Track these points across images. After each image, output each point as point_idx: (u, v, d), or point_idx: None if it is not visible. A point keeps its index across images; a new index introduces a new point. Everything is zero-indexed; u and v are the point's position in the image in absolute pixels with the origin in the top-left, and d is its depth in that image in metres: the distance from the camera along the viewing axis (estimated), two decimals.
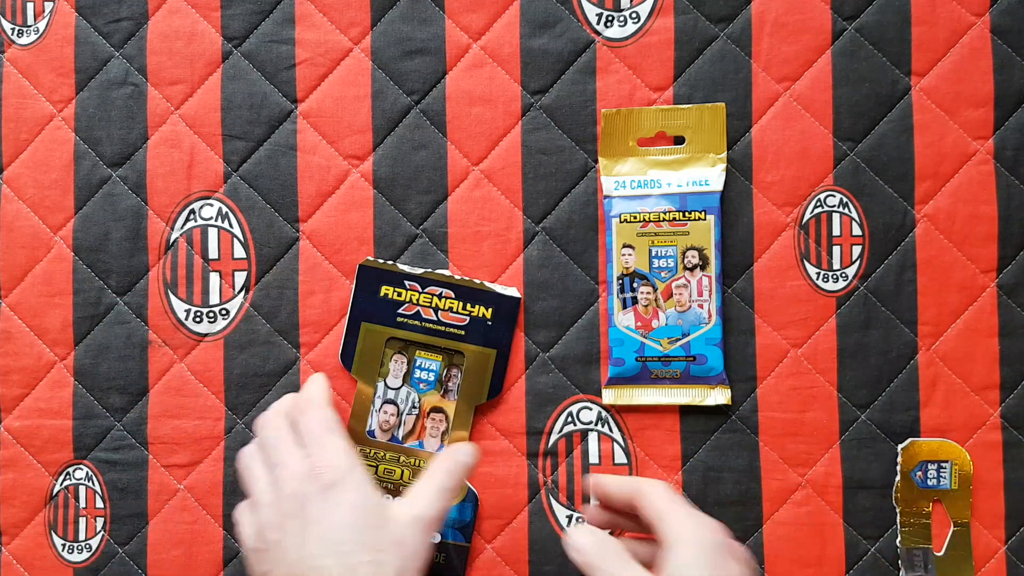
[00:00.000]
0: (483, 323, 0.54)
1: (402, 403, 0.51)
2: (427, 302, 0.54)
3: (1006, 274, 0.55)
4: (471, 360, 0.54)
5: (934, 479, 0.54)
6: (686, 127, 0.55)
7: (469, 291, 0.54)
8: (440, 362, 0.51)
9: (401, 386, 0.51)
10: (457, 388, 0.51)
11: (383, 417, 0.51)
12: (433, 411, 0.51)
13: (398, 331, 0.54)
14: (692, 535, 0.41)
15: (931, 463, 0.54)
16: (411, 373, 0.51)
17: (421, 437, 0.51)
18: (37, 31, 0.57)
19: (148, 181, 0.57)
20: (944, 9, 0.55)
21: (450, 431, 0.52)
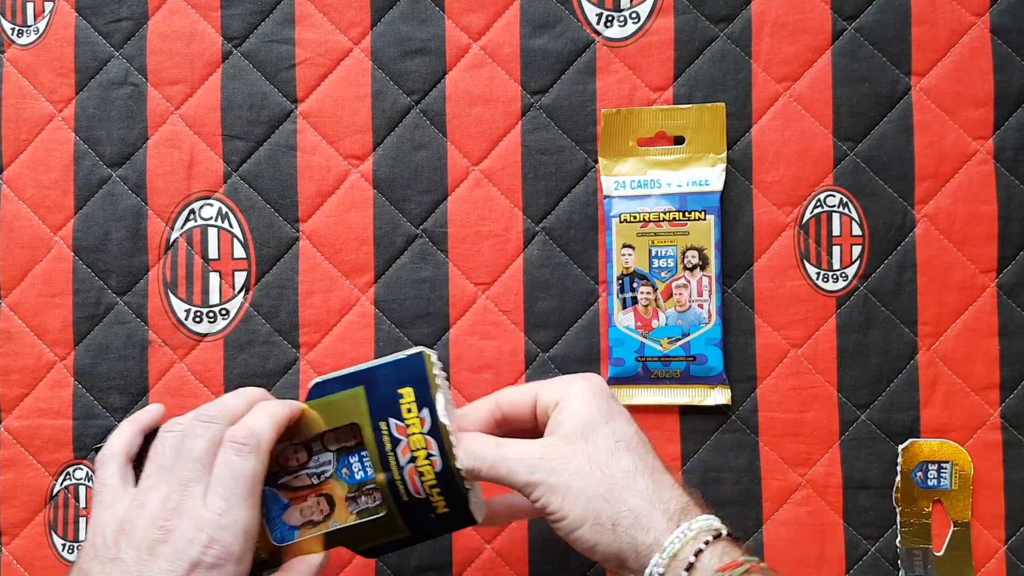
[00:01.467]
0: None
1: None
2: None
3: (1006, 274, 0.55)
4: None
5: (934, 479, 0.54)
6: (686, 127, 0.55)
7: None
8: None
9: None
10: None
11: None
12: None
13: None
14: (571, 388, 0.42)
15: (931, 463, 0.54)
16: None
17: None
18: (37, 31, 0.57)
19: (148, 181, 0.57)
20: (944, 9, 0.55)
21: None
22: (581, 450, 0.40)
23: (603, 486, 0.39)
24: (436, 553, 0.55)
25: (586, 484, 0.39)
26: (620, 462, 0.40)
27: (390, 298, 0.56)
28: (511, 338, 0.55)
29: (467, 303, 0.56)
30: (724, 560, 0.37)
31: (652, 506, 0.39)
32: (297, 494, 0.43)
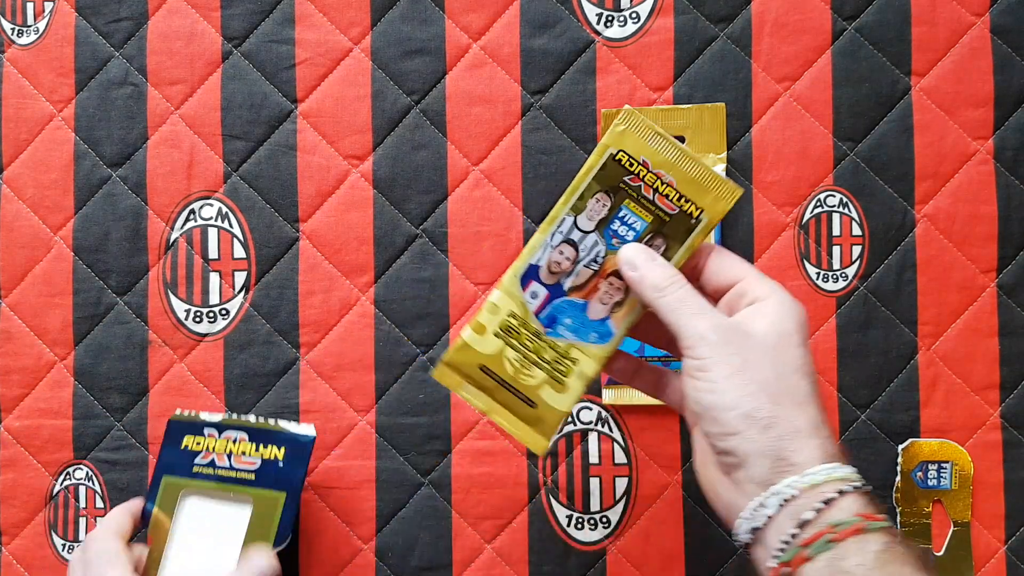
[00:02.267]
0: (274, 465, 0.49)
1: (584, 251, 0.42)
2: (222, 448, 0.50)
3: (1006, 274, 0.55)
4: (259, 504, 0.48)
5: (934, 479, 0.54)
6: (686, 127, 0.55)
7: (263, 433, 0.50)
8: (647, 223, 0.42)
9: (591, 231, 0.42)
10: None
11: (556, 257, 0.42)
12: (614, 275, 0.42)
13: (192, 481, 0.49)
14: (788, 304, 0.39)
15: (931, 463, 0.54)
16: (608, 222, 0.42)
17: (588, 298, 0.42)
18: (37, 31, 0.57)
19: (148, 181, 0.57)
20: (944, 9, 0.55)
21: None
22: (768, 350, 0.38)
23: (775, 388, 0.37)
24: (436, 553, 0.55)
25: (760, 375, 0.37)
26: (800, 382, 0.37)
27: (390, 298, 0.56)
28: None
29: (467, 303, 0.56)
30: (864, 511, 0.35)
31: (812, 433, 0.36)
32: (587, 288, 0.42)
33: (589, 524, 0.55)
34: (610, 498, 0.55)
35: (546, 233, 0.42)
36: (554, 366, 0.42)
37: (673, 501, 0.55)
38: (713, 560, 0.54)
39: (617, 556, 0.55)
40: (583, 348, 0.42)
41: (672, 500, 0.55)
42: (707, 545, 0.54)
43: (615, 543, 0.55)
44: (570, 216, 0.42)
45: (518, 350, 0.42)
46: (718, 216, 0.41)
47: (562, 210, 0.42)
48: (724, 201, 0.41)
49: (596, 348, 0.42)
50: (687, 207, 0.41)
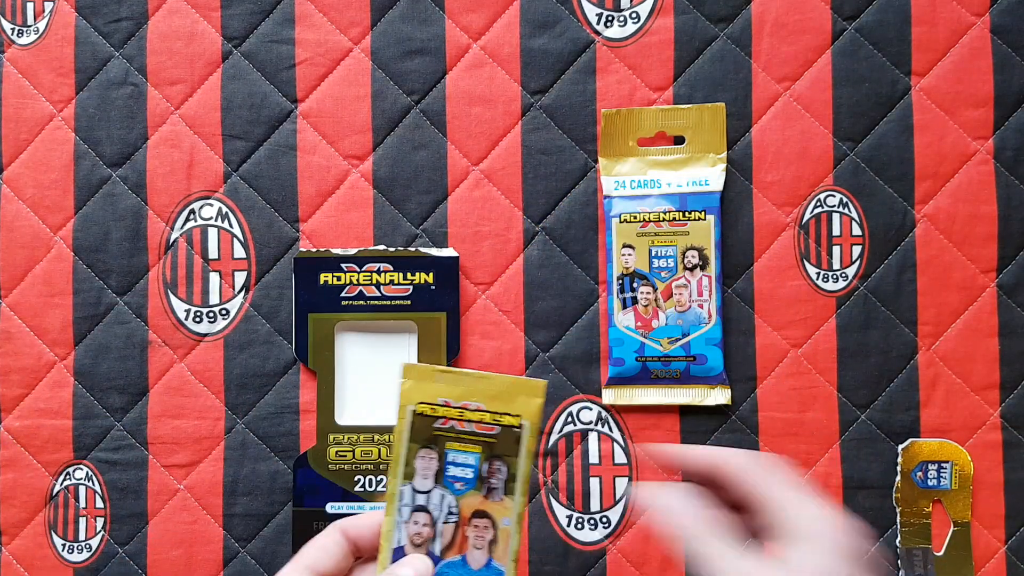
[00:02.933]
0: (427, 289, 0.54)
1: (436, 509, 0.41)
2: (367, 280, 0.54)
3: (1006, 274, 0.55)
4: (423, 327, 0.54)
5: (934, 479, 0.54)
6: (686, 127, 0.55)
7: (407, 260, 0.54)
8: (478, 454, 0.42)
9: (432, 488, 0.41)
10: (503, 485, 0.42)
11: (414, 529, 0.41)
12: (476, 516, 0.41)
13: (345, 315, 0.54)
14: (820, 532, 0.34)
15: (931, 463, 0.54)
16: (443, 471, 0.41)
17: (463, 550, 0.41)
18: (37, 31, 0.57)
19: (148, 181, 0.57)
20: (944, 9, 0.55)
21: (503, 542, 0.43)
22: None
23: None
24: None
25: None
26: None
27: None
28: (511, 338, 0.55)
29: (467, 303, 0.56)
30: None
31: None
32: (457, 542, 0.42)
33: (589, 524, 0.55)
34: (610, 498, 0.55)
35: (392, 513, 0.41)
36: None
37: None
38: None
39: (617, 556, 0.55)
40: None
41: None
42: None
43: (615, 543, 0.55)
44: (406, 486, 0.41)
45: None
46: (536, 413, 0.41)
47: (396, 484, 0.41)
48: (534, 398, 0.41)
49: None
50: (506, 420, 0.41)
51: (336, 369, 0.54)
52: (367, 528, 0.40)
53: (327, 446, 0.54)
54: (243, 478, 0.55)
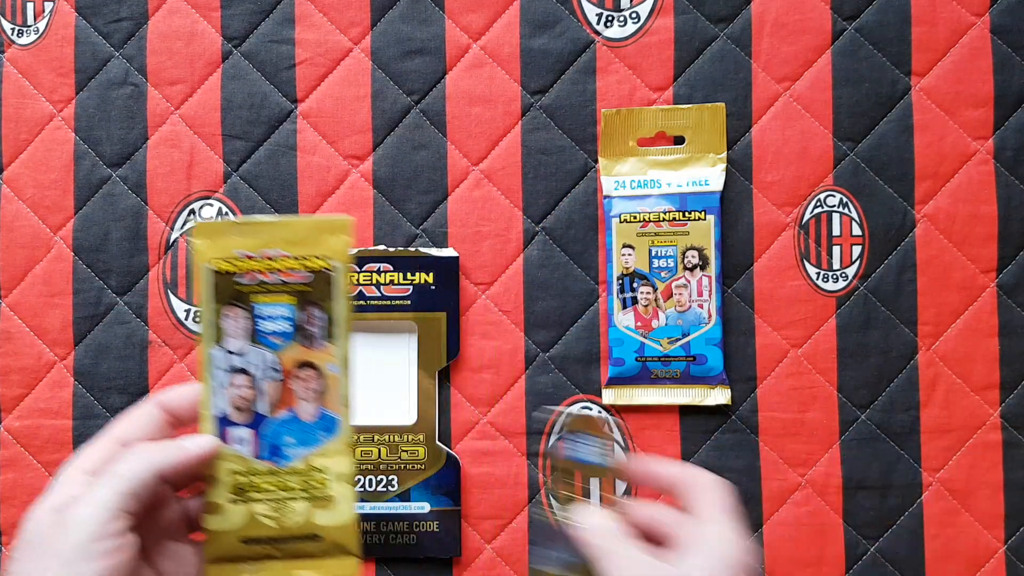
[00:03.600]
0: (427, 289, 0.54)
1: (255, 368, 0.39)
2: (367, 280, 0.54)
3: (1006, 274, 0.55)
4: (423, 327, 0.53)
5: (586, 453, 0.50)
6: (686, 127, 0.55)
7: (407, 260, 0.54)
8: (292, 304, 0.39)
9: (248, 347, 0.38)
10: (323, 331, 0.39)
11: (235, 393, 0.38)
12: (300, 368, 0.39)
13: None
14: (717, 545, 0.37)
15: (583, 435, 0.50)
16: (256, 327, 0.39)
17: (292, 405, 0.39)
18: (37, 31, 0.57)
19: (148, 181, 0.57)
20: (944, 9, 0.55)
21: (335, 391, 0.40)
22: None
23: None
24: None
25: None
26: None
27: None
28: (511, 338, 0.55)
29: (467, 303, 0.56)
30: None
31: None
32: (284, 398, 0.40)
33: None
34: None
35: (207, 379, 0.38)
36: (308, 489, 0.39)
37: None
38: None
39: None
40: (321, 453, 0.39)
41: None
42: None
43: None
44: (218, 349, 0.38)
45: (264, 501, 0.38)
46: (344, 251, 0.38)
47: (207, 348, 0.38)
48: (339, 235, 0.38)
49: (333, 444, 0.39)
50: (314, 264, 0.38)
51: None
52: (185, 398, 0.38)
53: None
54: None
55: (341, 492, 0.39)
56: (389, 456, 0.54)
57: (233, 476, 0.38)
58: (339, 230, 0.38)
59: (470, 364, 0.55)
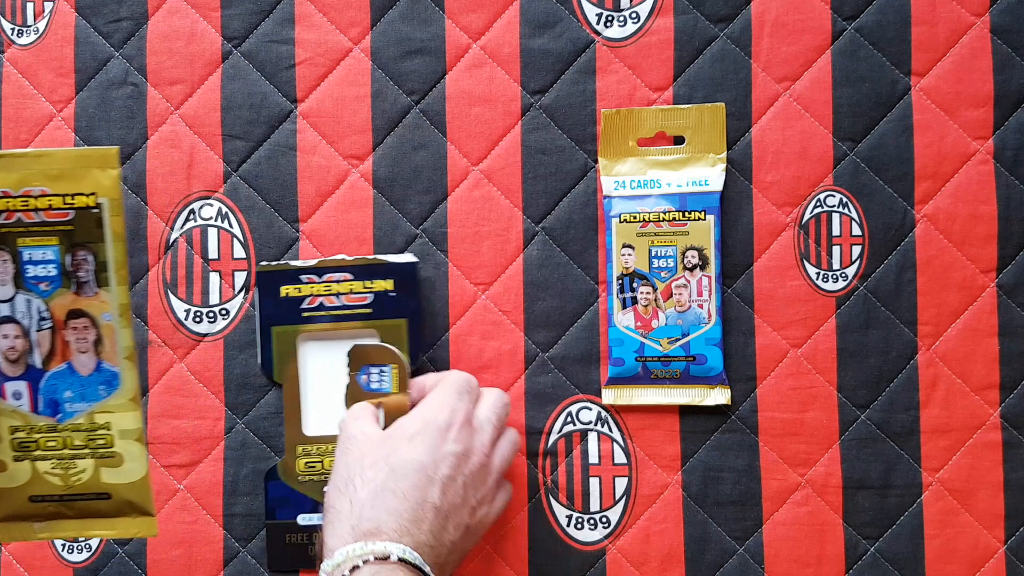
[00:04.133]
0: (386, 296, 0.53)
1: (23, 317, 0.36)
2: (327, 291, 0.53)
3: (1006, 274, 0.55)
4: (384, 334, 0.53)
5: (377, 383, 0.51)
6: (686, 127, 0.55)
7: (365, 268, 0.53)
8: (57, 246, 0.35)
9: (14, 294, 0.36)
10: (94, 277, 0.36)
11: (4, 344, 0.36)
12: (71, 317, 0.36)
13: (307, 326, 0.53)
14: (421, 409, 0.47)
15: (373, 367, 0.51)
16: (22, 272, 0.35)
17: (68, 357, 0.36)
18: (37, 31, 0.57)
19: (148, 181, 0.57)
20: (944, 9, 0.55)
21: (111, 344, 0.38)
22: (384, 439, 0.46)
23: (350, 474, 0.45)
24: None
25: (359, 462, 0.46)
26: (378, 473, 0.45)
27: None
28: (511, 338, 0.55)
29: (467, 303, 0.56)
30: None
31: (348, 518, 0.43)
32: (58, 350, 0.38)
33: (589, 524, 0.55)
34: (610, 498, 0.55)
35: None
36: (92, 446, 0.37)
37: (673, 501, 0.55)
38: (713, 560, 0.54)
39: (617, 556, 0.55)
40: (103, 408, 0.37)
41: (672, 500, 0.55)
42: (707, 545, 0.54)
43: (615, 543, 0.55)
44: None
45: (47, 457, 0.37)
46: (113, 186, 0.35)
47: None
48: (106, 169, 0.36)
49: (115, 399, 0.36)
50: (79, 202, 0.35)
51: (301, 380, 0.54)
52: None
53: (296, 458, 0.54)
54: (243, 478, 0.55)
55: (128, 449, 0.37)
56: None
57: (14, 435, 0.36)
58: (106, 163, 0.35)
59: (470, 364, 0.55)
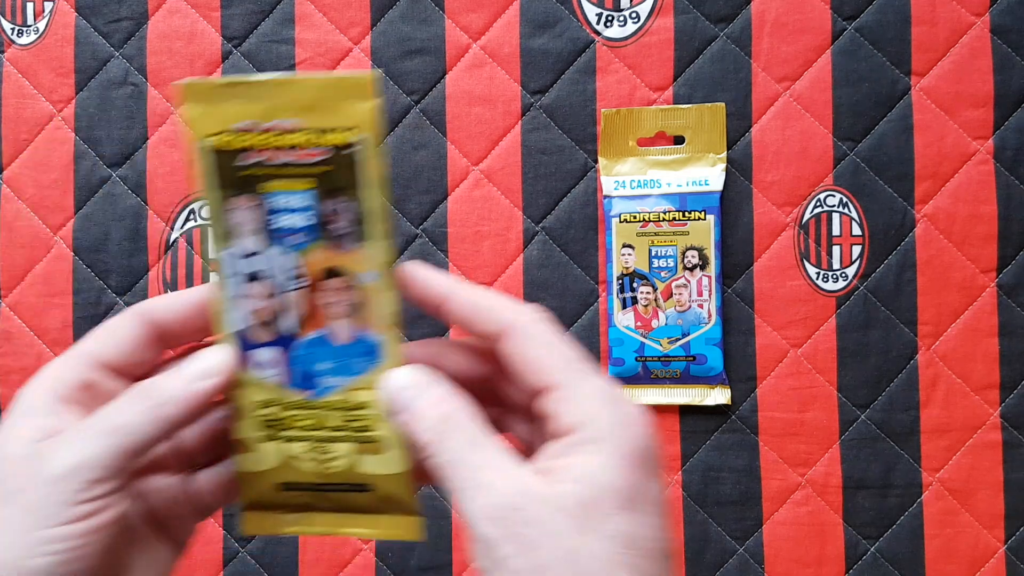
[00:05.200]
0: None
1: (273, 274, 0.30)
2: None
3: (1006, 274, 0.55)
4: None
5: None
6: (686, 127, 0.55)
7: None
8: (312, 191, 0.29)
9: (264, 247, 0.30)
10: (355, 228, 0.30)
11: (252, 305, 0.30)
12: (327, 277, 0.30)
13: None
14: (611, 431, 0.26)
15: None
16: (270, 222, 0.30)
17: (322, 323, 0.30)
18: (37, 31, 0.57)
19: (148, 181, 0.57)
20: (944, 9, 0.55)
21: (377, 309, 0.30)
22: (571, 527, 0.25)
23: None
24: (436, 553, 0.55)
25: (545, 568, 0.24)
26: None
27: None
28: None
29: None
30: None
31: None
32: (312, 313, 0.32)
33: None
34: None
35: (220, 290, 0.30)
36: (351, 428, 0.30)
37: (673, 501, 0.55)
38: (713, 560, 0.54)
39: None
40: (364, 385, 0.30)
41: (672, 500, 0.55)
42: (707, 545, 0.54)
43: None
44: (228, 251, 0.30)
45: (300, 439, 0.31)
46: (369, 119, 0.29)
47: (218, 250, 0.30)
48: (362, 99, 0.29)
49: (376, 374, 0.30)
50: (335, 138, 0.29)
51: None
52: (175, 310, 0.30)
53: None
54: None
55: (391, 434, 0.30)
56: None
57: (262, 410, 0.30)
58: (364, 92, 0.28)
59: None
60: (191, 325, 0.30)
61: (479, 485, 0.26)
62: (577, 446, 0.26)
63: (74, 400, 0.28)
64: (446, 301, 0.29)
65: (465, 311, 0.29)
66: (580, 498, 0.25)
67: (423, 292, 0.30)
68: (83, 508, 0.26)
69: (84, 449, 0.26)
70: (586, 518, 0.25)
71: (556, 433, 0.26)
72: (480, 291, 0.29)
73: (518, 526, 0.25)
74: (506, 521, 0.25)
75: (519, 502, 0.25)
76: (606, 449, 0.25)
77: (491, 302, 0.29)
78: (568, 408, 0.26)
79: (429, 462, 0.27)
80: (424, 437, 0.27)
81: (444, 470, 0.26)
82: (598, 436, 0.26)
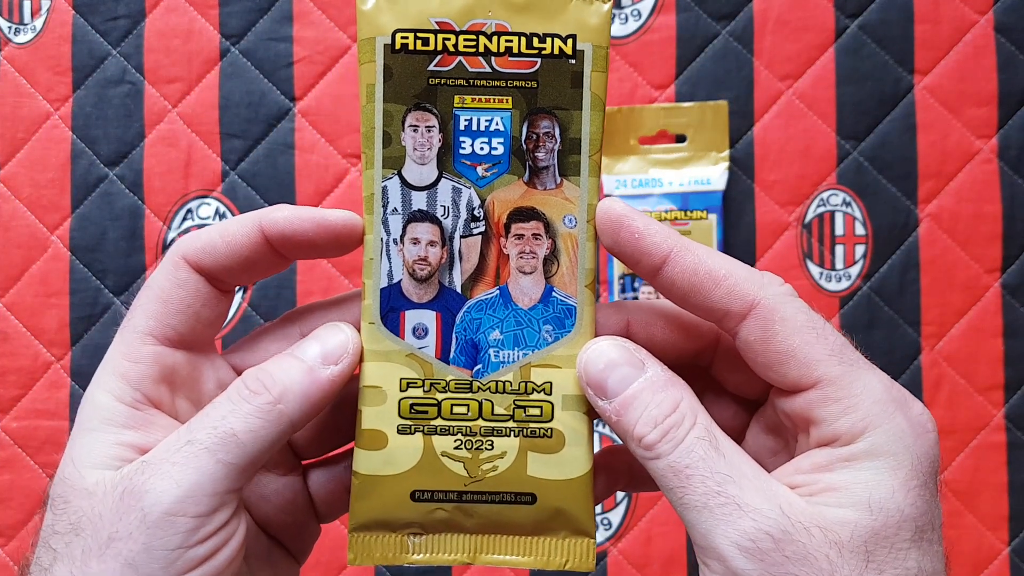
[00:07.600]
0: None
1: (447, 213, 0.24)
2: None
3: (1010, 274, 0.54)
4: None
5: None
6: (688, 125, 0.54)
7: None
8: (509, 112, 0.23)
9: (438, 178, 0.24)
10: (558, 160, 0.24)
11: (413, 252, 0.24)
12: (516, 220, 0.24)
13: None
14: (902, 443, 0.21)
15: None
16: (454, 147, 0.24)
17: (502, 280, 0.24)
18: (34, 29, 0.57)
19: (145, 180, 0.56)
20: (947, 7, 0.55)
21: (581, 271, 0.24)
22: (851, 566, 0.20)
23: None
24: None
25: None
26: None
27: None
28: None
29: None
30: None
31: None
32: (491, 266, 0.25)
33: None
34: (611, 500, 0.54)
35: (372, 229, 0.24)
36: (520, 418, 0.24)
37: None
38: None
39: (618, 558, 0.54)
40: (546, 360, 0.24)
41: None
42: None
43: (616, 545, 0.54)
44: (390, 179, 0.23)
45: (451, 431, 0.24)
46: (601, 26, 0.23)
47: (373, 178, 0.24)
48: (593, 2, 0.23)
49: (565, 347, 0.24)
50: (551, 47, 0.23)
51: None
52: (301, 218, 0.23)
53: None
54: None
55: (573, 427, 0.24)
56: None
57: (408, 392, 0.24)
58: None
59: None
60: (313, 239, 0.23)
61: (733, 505, 0.20)
62: (856, 461, 0.21)
63: (155, 396, 0.23)
64: (669, 261, 0.22)
65: (696, 279, 0.22)
66: (863, 529, 0.20)
67: (640, 245, 0.22)
68: (198, 551, 0.21)
69: (188, 474, 0.21)
70: (869, 554, 0.20)
71: (822, 440, 0.21)
72: (714, 253, 0.23)
73: (781, 563, 0.20)
74: (766, 555, 0.20)
75: (783, 530, 0.20)
76: (896, 466, 0.21)
77: (729, 268, 0.23)
78: (840, 410, 0.21)
79: (652, 465, 0.21)
80: (649, 436, 0.21)
81: (678, 480, 0.21)
82: (885, 449, 0.21)
